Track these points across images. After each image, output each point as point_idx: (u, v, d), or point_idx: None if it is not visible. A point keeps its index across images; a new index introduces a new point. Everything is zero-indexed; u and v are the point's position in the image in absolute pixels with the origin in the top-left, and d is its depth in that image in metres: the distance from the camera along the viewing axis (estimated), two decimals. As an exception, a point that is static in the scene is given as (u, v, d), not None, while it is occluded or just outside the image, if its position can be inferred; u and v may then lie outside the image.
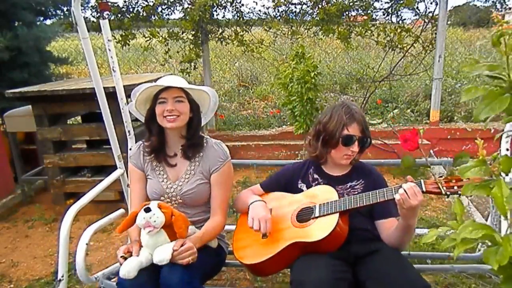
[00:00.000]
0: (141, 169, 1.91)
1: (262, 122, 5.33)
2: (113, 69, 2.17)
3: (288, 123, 4.94)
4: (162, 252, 1.55)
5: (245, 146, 4.67)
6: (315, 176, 1.89)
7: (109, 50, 2.12)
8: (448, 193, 1.50)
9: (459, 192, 1.49)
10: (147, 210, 1.56)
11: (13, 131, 3.85)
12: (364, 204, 1.64)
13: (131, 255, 1.60)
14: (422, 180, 1.57)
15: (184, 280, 1.55)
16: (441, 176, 1.57)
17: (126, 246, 1.65)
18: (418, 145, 1.44)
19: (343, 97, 6.02)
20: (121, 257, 1.59)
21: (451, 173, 1.54)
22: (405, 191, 1.51)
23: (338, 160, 1.82)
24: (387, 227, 1.72)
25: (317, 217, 1.69)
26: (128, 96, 2.25)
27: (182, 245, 1.59)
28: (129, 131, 2.31)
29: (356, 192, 1.81)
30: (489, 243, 0.83)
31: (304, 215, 1.74)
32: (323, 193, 1.77)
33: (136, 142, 2.08)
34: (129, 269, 1.52)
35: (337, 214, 1.64)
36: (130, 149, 2.09)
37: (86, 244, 1.86)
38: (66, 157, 3.46)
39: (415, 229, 1.69)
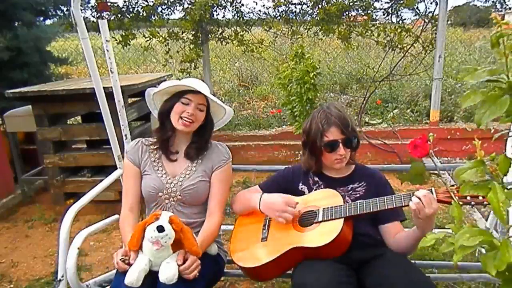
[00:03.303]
0: (137, 165, 1.89)
1: (262, 122, 5.32)
2: (110, 71, 2.14)
3: (288, 123, 4.94)
4: (168, 270, 1.47)
5: (245, 146, 4.68)
6: (316, 178, 1.85)
7: (107, 51, 2.09)
8: (460, 203, 1.39)
9: (472, 202, 1.42)
10: (161, 229, 1.47)
11: (13, 131, 3.85)
12: (371, 210, 1.58)
13: (129, 259, 1.55)
14: (433, 189, 1.51)
15: None
16: (453, 185, 1.50)
17: (124, 250, 1.59)
18: (428, 152, 1.31)
19: (343, 96, 6.02)
20: (120, 259, 1.54)
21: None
22: (420, 199, 1.45)
23: (331, 165, 1.78)
24: (392, 231, 1.67)
25: (320, 222, 1.64)
26: (131, 96, 2.25)
27: (184, 259, 1.54)
28: (125, 135, 2.28)
29: (358, 195, 1.77)
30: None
31: (307, 219, 1.69)
32: (327, 197, 1.72)
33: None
34: (135, 278, 1.46)
35: (342, 220, 1.58)
36: (127, 152, 1.99)
37: (78, 248, 1.79)
38: (66, 157, 3.46)
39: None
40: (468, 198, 1.42)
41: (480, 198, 1.42)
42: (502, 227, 2.06)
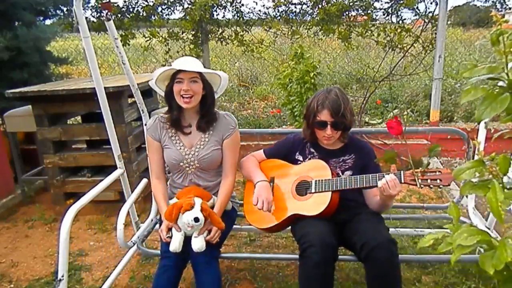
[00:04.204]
0: (158, 140, 2.17)
1: (262, 122, 5.33)
2: (122, 62, 2.31)
3: (288, 123, 4.94)
4: (198, 242, 1.94)
5: (245, 146, 4.67)
6: (312, 150, 2.15)
7: (117, 47, 2.25)
8: (422, 186, 1.75)
9: (431, 185, 1.75)
10: (197, 220, 1.91)
11: (13, 131, 3.85)
12: (353, 187, 1.93)
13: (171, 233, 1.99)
14: (402, 172, 1.83)
15: (208, 250, 1.95)
16: (418, 168, 1.78)
17: (166, 226, 1.99)
18: (401, 131, 1.70)
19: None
20: (167, 237, 1.97)
21: (426, 165, 1.75)
22: (387, 182, 1.80)
23: (321, 140, 2.09)
24: (372, 194, 2.03)
25: (313, 193, 2.00)
26: (131, 96, 2.44)
27: (209, 230, 1.98)
28: (142, 110, 2.54)
29: (347, 166, 2.10)
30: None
31: (302, 189, 2.05)
32: (318, 169, 2.05)
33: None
34: (177, 245, 1.94)
35: (330, 193, 1.95)
36: (145, 124, 2.39)
37: (123, 224, 2.19)
38: (66, 157, 3.46)
39: (391, 205, 2.06)
40: (428, 181, 1.75)
41: (438, 181, 1.74)
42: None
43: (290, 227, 2.11)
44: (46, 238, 3.22)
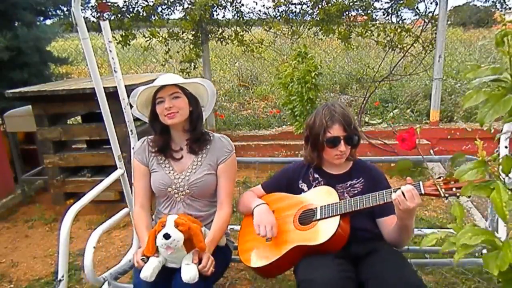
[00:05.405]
0: (145, 164, 1.95)
1: (262, 122, 5.33)
2: (114, 70, 2.18)
3: (288, 123, 4.94)
4: (190, 271, 1.60)
5: (245, 146, 4.67)
6: (315, 175, 1.91)
7: (110, 51, 2.13)
8: (446, 195, 1.49)
9: (458, 194, 1.47)
10: (167, 237, 1.58)
11: (13, 131, 3.85)
12: (364, 206, 1.66)
13: (147, 258, 1.65)
14: (421, 182, 1.56)
15: (197, 283, 1.60)
16: (439, 177, 1.55)
17: (143, 250, 1.69)
18: (415, 145, 1.42)
19: (343, 96, 6.03)
20: (141, 259, 1.66)
21: (449, 174, 1.49)
22: (403, 193, 1.51)
23: (331, 161, 1.84)
24: (388, 224, 1.73)
25: (318, 220, 1.72)
26: (129, 96, 2.29)
27: (200, 258, 1.65)
28: (131, 130, 2.32)
29: (356, 191, 1.84)
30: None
31: (306, 218, 1.77)
32: (324, 195, 1.79)
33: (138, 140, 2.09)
34: (150, 273, 1.60)
35: (338, 217, 1.67)
36: (133, 148, 2.14)
37: (94, 247, 1.92)
38: (66, 157, 3.46)
39: (413, 229, 1.70)
40: (454, 189, 1.47)
41: None
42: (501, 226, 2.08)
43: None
44: (46, 238, 3.22)
